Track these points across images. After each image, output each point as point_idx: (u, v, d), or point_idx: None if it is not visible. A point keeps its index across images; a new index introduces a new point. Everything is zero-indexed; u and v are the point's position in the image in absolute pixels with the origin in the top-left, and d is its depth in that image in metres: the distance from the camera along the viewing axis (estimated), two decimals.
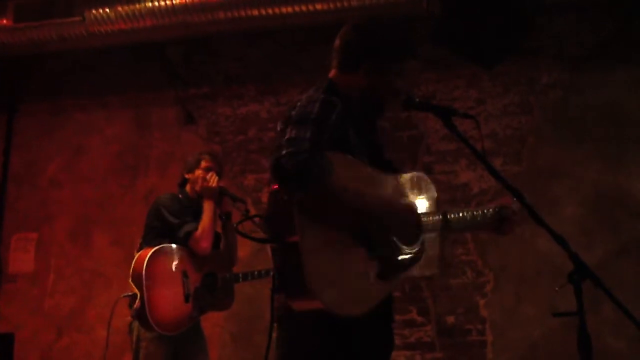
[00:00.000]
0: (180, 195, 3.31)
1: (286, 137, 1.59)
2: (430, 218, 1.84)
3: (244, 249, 3.48)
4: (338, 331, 1.66)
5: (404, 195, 1.82)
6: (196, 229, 3.12)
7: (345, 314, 1.61)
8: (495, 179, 1.74)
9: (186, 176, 3.35)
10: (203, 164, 3.31)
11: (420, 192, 1.88)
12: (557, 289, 1.65)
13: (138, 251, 3.10)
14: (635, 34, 4.49)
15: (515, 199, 1.97)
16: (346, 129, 1.75)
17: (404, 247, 1.74)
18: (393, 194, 1.79)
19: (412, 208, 1.81)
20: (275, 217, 1.68)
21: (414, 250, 1.77)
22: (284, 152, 1.55)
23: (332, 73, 1.90)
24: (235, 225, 1.90)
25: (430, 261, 1.85)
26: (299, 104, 1.70)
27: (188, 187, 3.34)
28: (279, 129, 1.70)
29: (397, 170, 1.91)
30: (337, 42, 1.89)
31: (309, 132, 1.59)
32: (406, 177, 1.87)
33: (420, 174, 1.94)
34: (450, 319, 4.35)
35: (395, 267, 1.72)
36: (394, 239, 1.71)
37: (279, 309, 1.75)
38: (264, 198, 4.58)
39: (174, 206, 3.20)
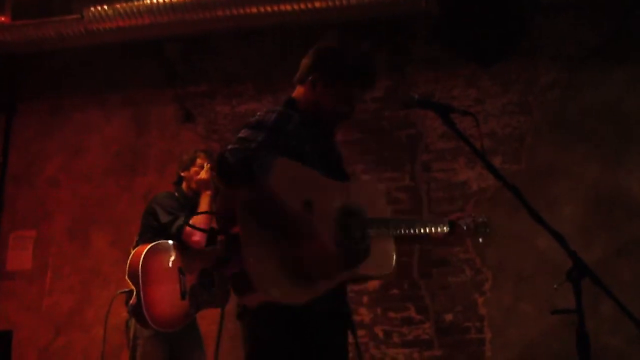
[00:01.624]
0: (176, 194, 3.31)
1: (239, 135, 1.71)
2: (377, 220, 1.91)
3: None
4: (294, 325, 1.71)
5: (351, 199, 1.88)
6: (187, 223, 3.11)
7: (285, 302, 1.66)
8: (494, 176, 1.75)
9: (182, 174, 3.36)
10: (198, 161, 3.32)
11: (369, 197, 1.95)
12: (555, 286, 1.65)
13: (134, 249, 3.10)
14: (633, 33, 4.48)
15: (472, 215, 2.21)
16: (302, 141, 1.84)
17: (345, 247, 1.77)
18: (340, 197, 1.85)
19: (355, 210, 1.84)
20: (222, 213, 1.75)
21: (356, 250, 1.80)
22: (230, 146, 1.65)
23: (295, 89, 2.03)
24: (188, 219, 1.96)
25: (383, 261, 1.92)
26: (258, 113, 1.83)
27: (184, 185, 3.34)
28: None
29: (349, 179, 2.01)
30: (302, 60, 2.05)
31: (261, 136, 1.70)
32: (356, 182, 2.00)
33: (369, 179, 2.04)
34: (449, 317, 4.35)
35: (333, 267, 1.75)
36: (332, 239, 1.74)
37: (238, 306, 1.83)
38: None
39: (170, 204, 3.20)
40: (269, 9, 4.28)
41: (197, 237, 3.09)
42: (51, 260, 5.03)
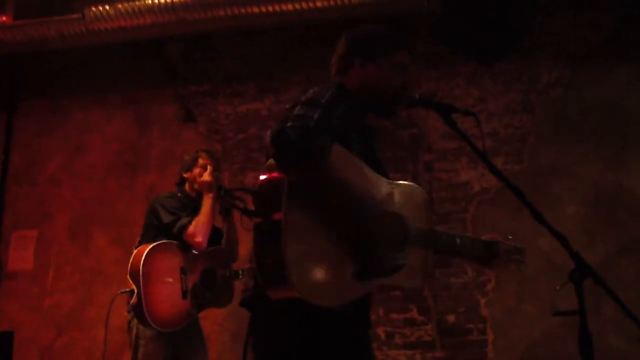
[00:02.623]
0: (179, 194, 3.30)
1: (294, 112, 1.58)
2: (419, 230, 1.81)
3: (245, 246, 3.47)
4: (316, 325, 1.63)
5: (395, 202, 1.78)
6: (190, 222, 3.10)
7: (317, 303, 1.57)
8: (496, 176, 1.73)
9: (184, 175, 3.35)
10: (200, 161, 3.30)
11: (412, 203, 1.85)
12: (558, 287, 1.63)
13: (136, 248, 3.09)
14: (634, 31, 4.47)
15: (511, 237, 2.08)
16: (349, 130, 1.75)
17: (387, 253, 1.69)
18: (385, 198, 1.75)
19: (399, 216, 1.76)
20: (264, 194, 1.65)
21: (397, 258, 1.72)
22: (289, 124, 1.53)
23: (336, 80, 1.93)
24: (227, 191, 1.85)
25: (415, 272, 1.82)
26: (310, 90, 1.71)
27: (187, 186, 3.33)
28: (287, 107, 1.69)
29: (388, 176, 1.92)
30: (333, 56, 1.94)
31: (317, 114, 1.58)
32: (401, 185, 1.87)
33: (415, 185, 1.94)
34: (451, 318, 4.34)
35: (373, 272, 1.67)
36: (378, 242, 1.66)
37: (247, 290, 1.73)
38: None
39: (172, 204, 3.20)
40: (270, 8, 4.27)
41: (199, 238, 3.08)
42: (52, 260, 5.03)
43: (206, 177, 3.19)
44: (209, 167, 3.24)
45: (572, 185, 4.35)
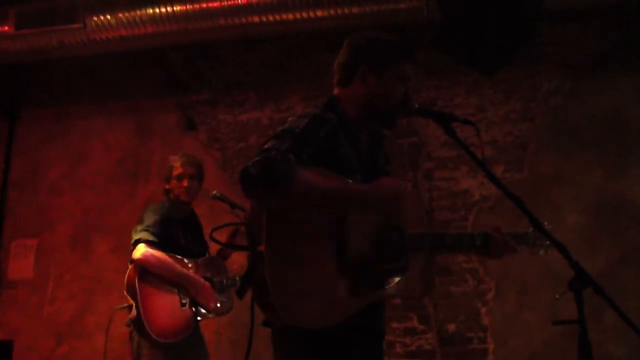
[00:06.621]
0: (167, 204, 3.26)
1: (264, 147, 1.63)
2: (416, 235, 1.80)
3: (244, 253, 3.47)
4: (323, 341, 1.63)
5: (387, 211, 1.76)
6: (149, 241, 3.03)
7: (308, 327, 1.59)
8: (495, 185, 1.73)
9: (166, 187, 3.30)
10: (174, 172, 3.24)
11: (408, 209, 1.84)
12: (557, 297, 1.63)
13: (131, 263, 3.08)
14: (636, 42, 4.48)
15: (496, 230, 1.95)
16: (338, 144, 1.76)
17: (379, 264, 1.69)
18: (375, 209, 1.74)
19: (391, 225, 1.75)
20: (253, 225, 1.68)
21: (392, 268, 1.72)
22: (253, 160, 1.58)
23: (335, 91, 1.92)
24: (210, 232, 1.89)
25: (415, 279, 1.81)
26: (290, 119, 1.74)
27: (172, 196, 3.28)
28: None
29: None
30: (335, 63, 1.93)
31: (286, 145, 1.62)
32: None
33: (413, 190, 1.95)
34: (452, 327, 4.33)
35: (370, 283, 1.67)
36: (366, 255, 1.66)
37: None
38: None
39: (150, 218, 3.14)
40: (271, 17, 4.29)
41: (145, 260, 2.99)
42: (53, 269, 5.03)
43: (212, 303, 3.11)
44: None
45: (572, 194, 4.35)
